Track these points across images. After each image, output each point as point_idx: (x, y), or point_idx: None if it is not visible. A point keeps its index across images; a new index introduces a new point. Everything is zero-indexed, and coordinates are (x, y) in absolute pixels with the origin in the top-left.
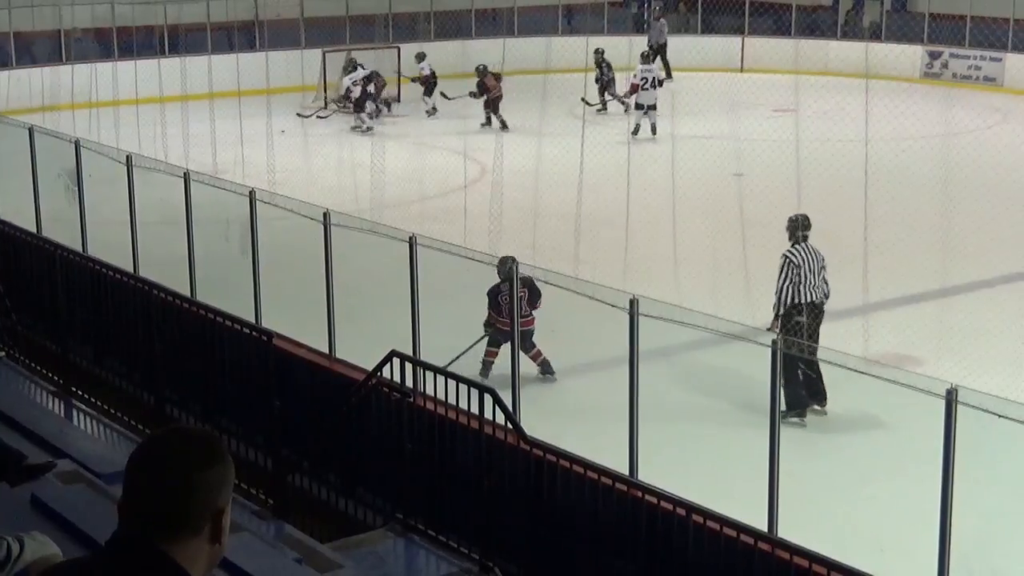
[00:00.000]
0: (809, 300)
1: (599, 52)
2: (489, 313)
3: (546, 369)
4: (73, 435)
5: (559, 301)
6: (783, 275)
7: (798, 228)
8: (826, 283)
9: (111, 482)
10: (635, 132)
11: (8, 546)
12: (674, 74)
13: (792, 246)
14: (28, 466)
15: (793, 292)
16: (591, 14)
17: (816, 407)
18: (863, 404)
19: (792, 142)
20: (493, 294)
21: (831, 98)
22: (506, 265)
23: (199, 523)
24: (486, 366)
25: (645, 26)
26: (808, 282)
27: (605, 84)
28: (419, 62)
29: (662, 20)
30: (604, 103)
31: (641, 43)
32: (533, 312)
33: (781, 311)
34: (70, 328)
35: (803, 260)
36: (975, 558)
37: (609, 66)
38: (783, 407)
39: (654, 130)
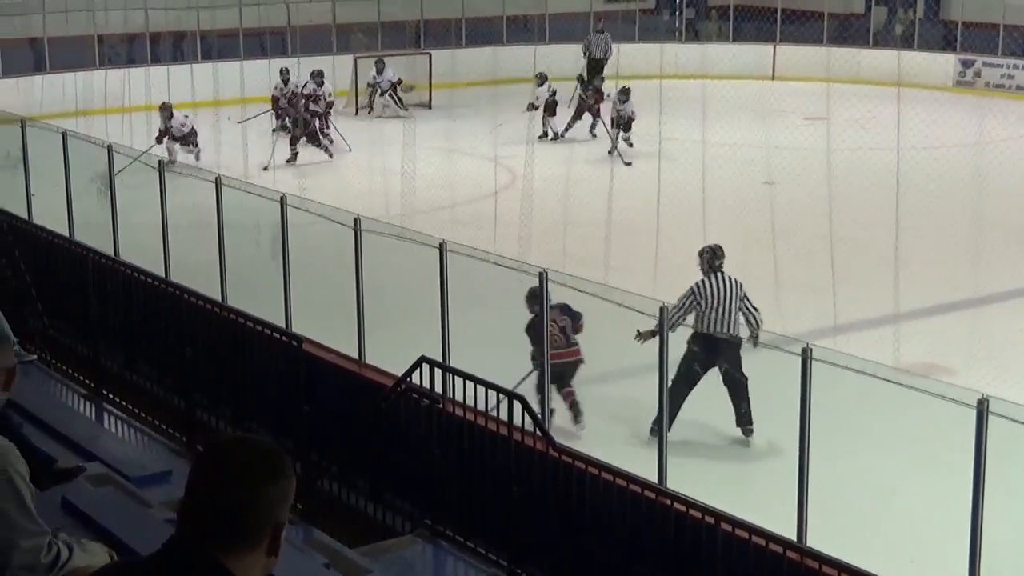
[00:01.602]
0: (710, 331)
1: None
2: (532, 355)
3: (576, 413)
4: (104, 438)
5: (589, 308)
6: (681, 303)
7: (714, 258)
8: (748, 312)
9: (141, 485)
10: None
11: (58, 550)
12: (706, 82)
13: (702, 278)
14: (58, 469)
15: (697, 323)
16: (622, 21)
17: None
18: (893, 414)
19: (823, 150)
20: (533, 329)
21: (863, 106)
22: (536, 296)
23: (259, 536)
24: (571, 408)
25: (677, 34)
26: (713, 315)
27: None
28: (540, 84)
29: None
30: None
31: (674, 50)
32: (578, 339)
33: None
34: (102, 332)
35: (710, 292)
36: (1006, 569)
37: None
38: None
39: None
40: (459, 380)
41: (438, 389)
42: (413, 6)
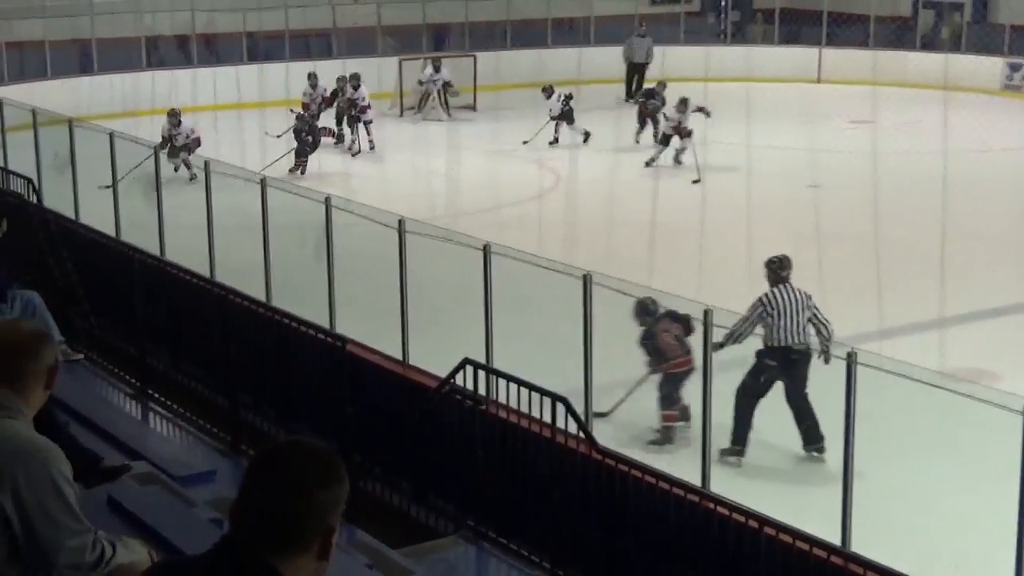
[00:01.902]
0: (784, 344)
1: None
2: (650, 366)
3: (665, 434)
4: (149, 437)
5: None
6: (748, 315)
7: (780, 269)
8: (819, 324)
9: (186, 484)
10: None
11: (102, 548)
12: (751, 85)
13: (769, 289)
14: (105, 468)
15: (768, 336)
16: (667, 24)
17: (814, 452)
18: (938, 419)
19: (869, 154)
20: (648, 340)
21: (909, 110)
22: (647, 307)
23: (310, 541)
24: (666, 432)
25: (722, 36)
26: (785, 326)
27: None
28: (548, 96)
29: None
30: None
31: (720, 53)
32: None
33: (727, 342)
34: (148, 331)
35: (778, 303)
36: None
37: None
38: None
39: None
40: (502, 382)
41: (481, 391)
42: (458, 8)
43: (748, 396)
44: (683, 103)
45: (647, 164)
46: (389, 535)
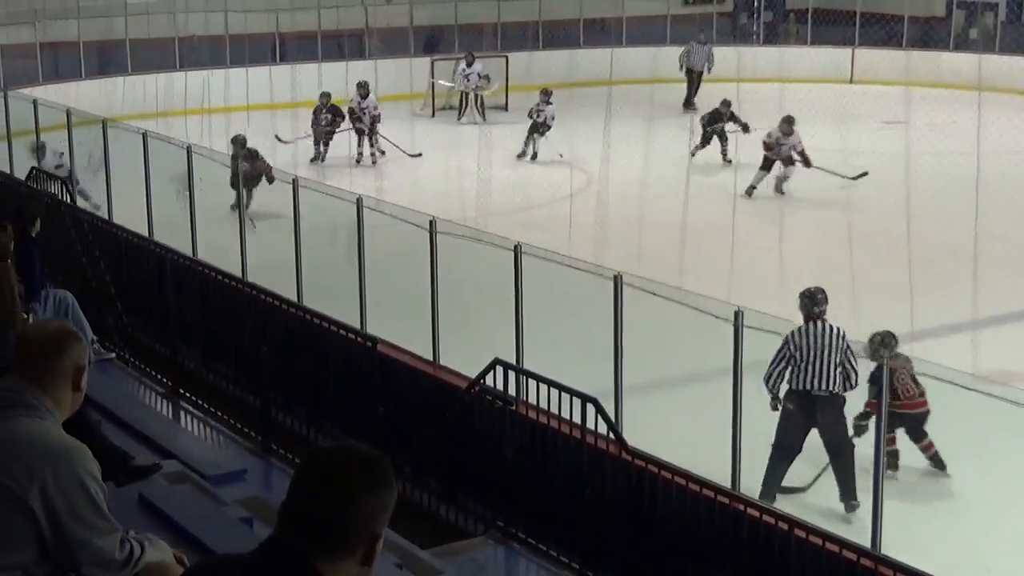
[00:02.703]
0: (806, 388)
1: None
2: (870, 402)
3: (939, 464)
4: (180, 436)
5: (663, 312)
6: (774, 357)
7: (813, 304)
8: (848, 369)
9: (217, 484)
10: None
11: (131, 547)
12: (784, 85)
13: (800, 325)
14: (136, 466)
15: (792, 378)
16: (700, 24)
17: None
18: (971, 422)
19: (902, 155)
20: (877, 379)
21: (943, 110)
22: (887, 342)
23: (355, 546)
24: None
25: (755, 37)
26: (810, 369)
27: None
28: (548, 102)
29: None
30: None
31: (752, 53)
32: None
33: (769, 395)
34: (179, 331)
35: (806, 343)
36: None
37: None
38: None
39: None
40: (532, 382)
41: (511, 391)
42: (490, 8)
43: (779, 457)
44: (788, 123)
45: (747, 194)
46: (419, 535)
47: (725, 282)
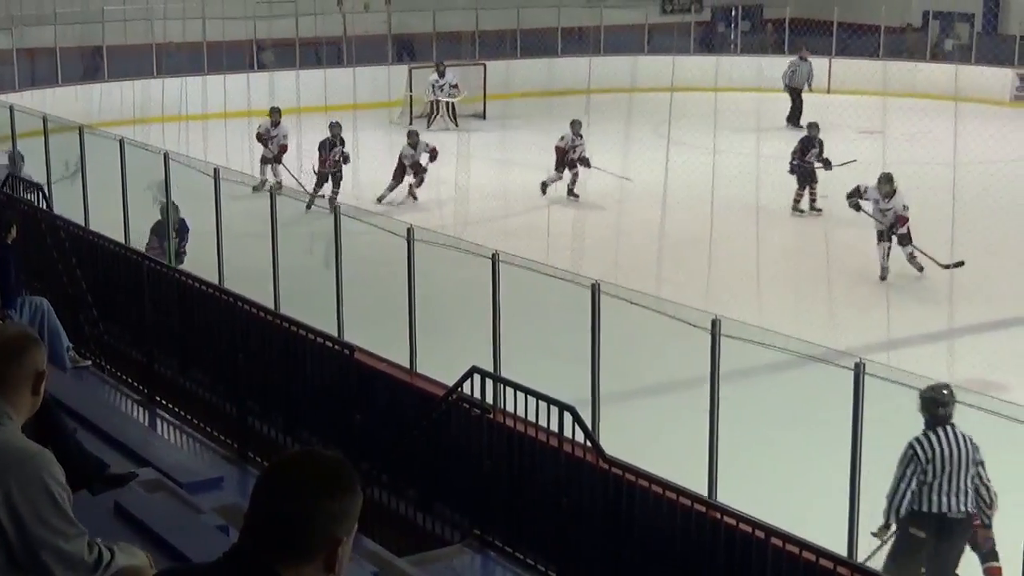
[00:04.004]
0: (939, 510)
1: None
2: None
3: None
4: (157, 444)
5: (641, 321)
6: (902, 471)
7: (937, 405)
8: (982, 485)
9: (193, 491)
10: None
11: (100, 552)
12: (761, 95)
13: (924, 431)
14: (112, 475)
15: (916, 497)
16: (678, 34)
17: None
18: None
19: (878, 164)
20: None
21: (918, 120)
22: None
23: (316, 551)
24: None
25: (732, 46)
26: (942, 485)
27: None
28: (579, 136)
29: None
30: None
31: (729, 63)
32: None
33: (893, 519)
34: (156, 338)
35: (937, 454)
36: None
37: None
38: None
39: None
40: (510, 390)
41: (489, 399)
42: (468, 17)
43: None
44: (887, 181)
45: (881, 278)
46: (395, 543)
47: (702, 290)
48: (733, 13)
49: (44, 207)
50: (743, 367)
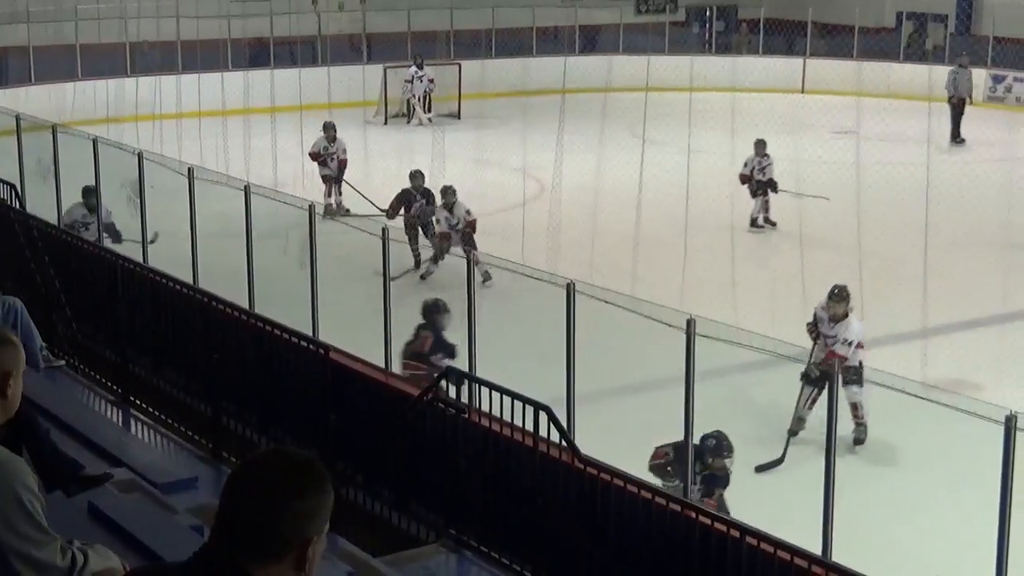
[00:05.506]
0: None
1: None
2: None
3: None
4: (131, 444)
5: (617, 321)
6: None
7: None
8: None
9: (168, 492)
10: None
11: (73, 556)
12: (736, 95)
13: None
14: (86, 476)
15: None
16: (652, 33)
17: None
18: (920, 430)
19: (852, 164)
20: None
21: (892, 121)
22: None
23: (285, 550)
24: None
25: (706, 46)
26: None
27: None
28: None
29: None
30: None
31: (704, 63)
32: None
33: None
34: (130, 338)
35: None
36: None
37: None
38: None
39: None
40: (485, 390)
41: (464, 399)
42: (443, 16)
43: None
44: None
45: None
46: (371, 543)
47: (677, 290)
48: (707, 13)
49: (17, 206)
50: (718, 367)
